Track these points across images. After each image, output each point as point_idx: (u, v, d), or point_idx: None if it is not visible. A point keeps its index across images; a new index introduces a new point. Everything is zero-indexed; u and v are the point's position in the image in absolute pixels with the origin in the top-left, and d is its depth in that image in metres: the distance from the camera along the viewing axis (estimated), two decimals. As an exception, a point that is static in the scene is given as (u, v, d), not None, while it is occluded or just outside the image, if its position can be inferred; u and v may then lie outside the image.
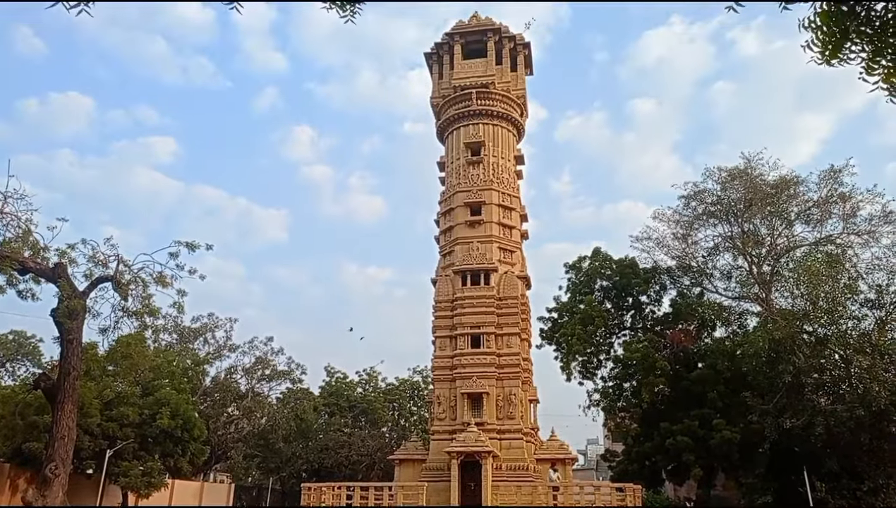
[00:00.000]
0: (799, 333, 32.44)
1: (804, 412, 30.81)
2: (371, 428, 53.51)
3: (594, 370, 42.65)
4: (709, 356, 37.34)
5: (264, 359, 50.04)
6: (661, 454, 36.17)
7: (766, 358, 32.66)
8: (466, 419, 28.28)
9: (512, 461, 27.69)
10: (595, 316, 39.97)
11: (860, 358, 29.83)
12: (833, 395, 32.50)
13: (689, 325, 39.83)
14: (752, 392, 33.76)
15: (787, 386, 31.83)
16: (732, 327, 40.19)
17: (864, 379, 29.81)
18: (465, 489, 26.45)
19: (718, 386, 35.76)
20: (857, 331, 31.56)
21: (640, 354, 37.04)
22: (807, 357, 31.64)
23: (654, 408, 38.06)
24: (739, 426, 33.60)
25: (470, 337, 30.31)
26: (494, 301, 30.65)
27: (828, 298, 31.14)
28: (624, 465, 39.41)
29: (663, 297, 42.24)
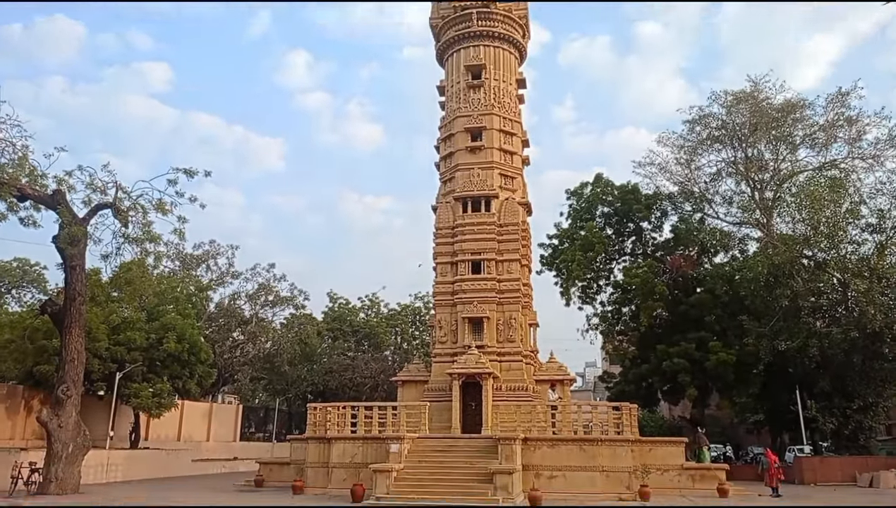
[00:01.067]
0: (798, 258, 32.66)
1: (799, 334, 31.40)
2: (374, 352, 54.66)
3: (594, 295, 43.22)
4: (708, 281, 37.70)
5: (267, 286, 50.61)
6: (658, 375, 37.10)
7: (764, 282, 33.01)
8: (467, 342, 28.79)
9: (512, 382, 28.37)
10: (595, 242, 40.14)
11: (858, 282, 30.13)
12: (829, 318, 33.03)
13: (690, 251, 40.05)
14: (749, 315, 34.31)
15: (783, 309, 32.32)
16: (732, 252, 40.44)
17: (861, 302, 30.22)
18: (465, 408, 27.22)
19: (716, 310, 36.29)
20: (857, 256, 31.76)
21: (640, 279, 37.41)
22: (805, 281, 31.97)
23: (652, 332, 38.76)
24: (735, 348, 34.32)
25: (470, 264, 30.46)
26: (495, 227, 30.62)
27: (829, 223, 31.17)
28: (621, 386, 40.48)
29: (664, 223, 42.34)
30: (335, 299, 58.52)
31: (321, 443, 25.31)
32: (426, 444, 24.23)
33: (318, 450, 25.29)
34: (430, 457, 23.36)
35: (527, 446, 23.39)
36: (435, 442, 24.48)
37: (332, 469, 24.47)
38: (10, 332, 31.07)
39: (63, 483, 21.80)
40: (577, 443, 23.52)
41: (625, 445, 23.44)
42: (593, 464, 23.04)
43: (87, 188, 23.68)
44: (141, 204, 23.68)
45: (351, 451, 24.52)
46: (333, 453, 24.62)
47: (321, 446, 25.27)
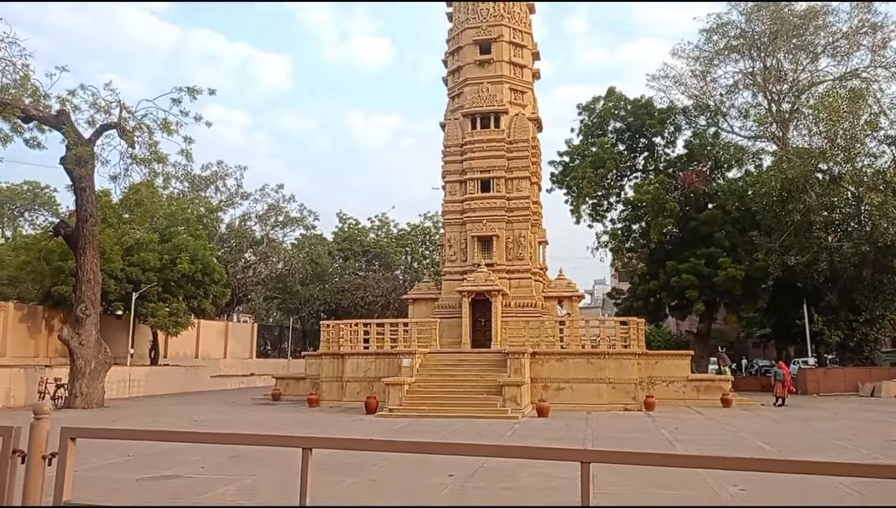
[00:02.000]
0: (813, 172, 32.15)
1: (810, 249, 31.33)
2: (384, 272, 55.27)
3: (604, 212, 43.02)
4: (719, 197, 37.34)
5: (277, 206, 50.73)
6: (666, 291, 37.37)
7: (777, 197, 32.66)
8: (477, 260, 28.97)
9: (521, 298, 28.72)
10: (607, 158, 39.57)
11: (872, 196, 29.74)
12: (840, 233, 32.86)
13: (703, 166, 39.43)
14: (759, 231, 34.16)
15: (795, 224, 32.11)
16: (746, 167, 39.81)
17: (874, 215, 29.93)
18: (475, 324, 27.74)
19: (726, 226, 36.09)
20: (872, 169, 31.22)
21: (651, 196, 37.08)
22: (818, 195, 31.61)
23: (662, 248, 38.77)
24: (744, 264, 34.36)
25: (480, 182, 30.22)
26: (504, 144, 30.15)
27: (846, 135, 30.46)
28: (629, 302, 40.92)
29: (677, 138, 41.51)
30: (345, 219, 58.70)
31: (335, 359, 26.01)
32: (437, 359, 24.83)
33: (333, 365, 26.02)
34: (440, 371, 24.00)
35: (535, 360, 23.94)
36: (445, 357, 25.08)
37: (345, 383, 25.25)
38: (26, 254, 31.56)
39: (88, 397, 22.69)
40: (585, 357, 24.04)
41: (631, 358, 23.93)
42: (600, 377, 23.62)
43: (91, 108, 23.44)
44: (146, 123, 23.47)
45: (364, 366, 25.21)
46: (347, 368, 25.34)
47: (335, 361, 25.98)
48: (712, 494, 8.88)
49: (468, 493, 8.95)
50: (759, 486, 9.16)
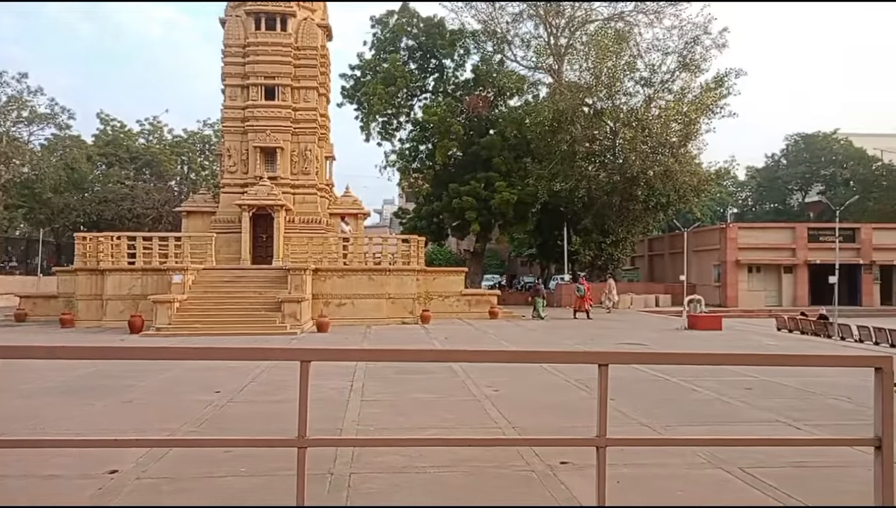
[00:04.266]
0: (580, 105, 35.07)
1: (573, 177, 34.52)
2: (157, 181, 50.47)
3: (394, 131, 43.21)
4: (500, 123, 39.26)
5: (19, 98, 43.24)
6: (448, 212, 39.03)
7: (549, 127, 35.17)
8: (259, 172, 27.52)
9: (305, 214, 28.04)
10: (398, 76, 39.42)
11: (626, 131, 33.38)
12: (598, 163, 36.60)
13: (487, 92, 41.01)
14: (532, 158, 36.81)
15: (562, 153, 35.05)
16: (525, 97, 42.20)
17: (626, 149, 33.71)
18: (256, 240, 26.62)
19: (504, 152, 38.28)
20: (628, 106, 34.89)
21: (438, 117, 37.89)
22: (583, 128, 34.68)
23: (446, 170, 40.16)
24: (518, 188, 36.93)
25: (264, 88, 28.35)
26: (292, 50, 28.40)
27: (609, 73, 33.49)
28: (413, 222, 42.13)
29: (466, 62, 42.53)
30: (107, 121, 51.97)
31: (93, 275, 23.41)
32: (213, 275, 23.51)
33: (90, 282, 23.42)
34: (216, 288, 22.79)
35: (317, 276, 23.74)
36: (222, 273, 23.84)
37: (106, 301, 22.94)
38: None
39: None
40: (367, 273, 24.37)
41: (411, 275, 24.78)
42: (381, 292, 24.18)
43: None
44: None
45: (129, 283, 23.05)
46: (108, 285, 22.98)
47: (93, 278, 23.39)
48: (469, 394, 9.55)
49: (233, 409, 8.64)
50: (510, 387, 10.05)
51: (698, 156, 36.61)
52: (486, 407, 8.58)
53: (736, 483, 5.36)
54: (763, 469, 5.55)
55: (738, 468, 5.64)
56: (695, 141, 35.49)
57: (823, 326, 22.18)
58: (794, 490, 5.08)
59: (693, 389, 9.90)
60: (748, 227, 42.61)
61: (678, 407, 8.66)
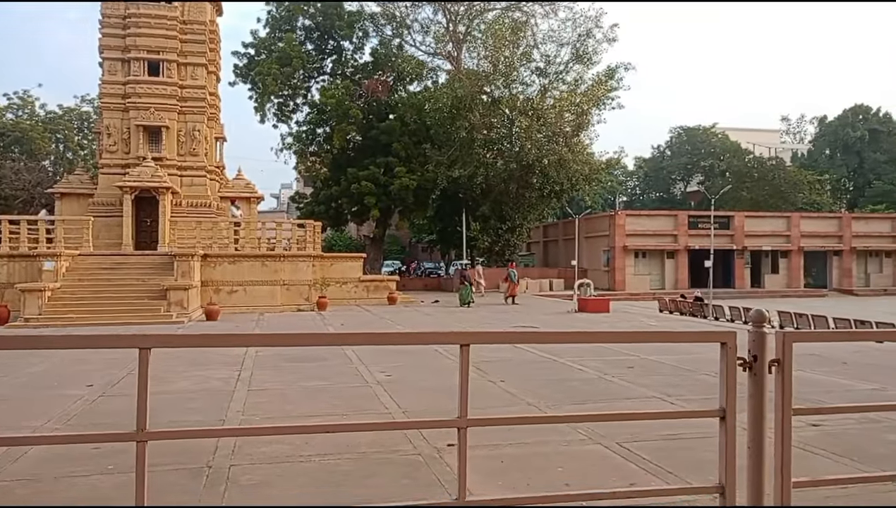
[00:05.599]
0: (478, 93, 35.48)
1: (471, 163, 34.97)
2: (28, 161, 46.44)
3: (290, 113, 42.04)
4: (400, 108, 39.07)
5: None
6: (347, 197, 38.46)
7: (448, 113, 35.41)
8: (142, 153, 25.91)
9: (194, 198, 26.73)
10: (294, 56, 38.30)
11: (522, 119, 34.12)
12: (496, 150, 37.27)
13: (387, 76, 40.66)
14: (431, 144, 36.93)
15: (461, 140, 35.40)
16: (425, 83, 42.20)
17: (522, 137, 34.50)
18: (139, 224, 25.09)
19: (404, 137, 38.15)
20: (524, 96, 35.68)
21: (336, 100, 37.18)
22: (481, 115, 35.15)
23: (344, 155, 39.53)
24: (417, 174, 36.97)
25: (147, 63, 26.65)
26: (178, 24, 26.83)
27: (506, 63, 34.08)
28: (311, 207, 41.23)
29: (365, 45, 41.94)
30: (-33, 93, 47.19)
31: (-51, 262, 21.27)
32: (90, 262, 21.97)
33: (-55, 270, 21.26)
34: (94, 275, 21.32)
35: (206, 262, 22.73)
36: (100, 260, 22.32)
37: (-35, 290, 20.92)
38: None
39: None
40: (260, 259, 23.60)
41: (306, 260, 24.24)
42: (275, 279, 23.50)
43: None
44: None
45: (-8, 271, 21.12)
46: (-33, 273, 20.94)
47: (-51, 265, 21.25)
48: (361, 380, 9.45)
49: (105, 403, 8.09)
50: (403, 372, 10.04)
51: (590, 146, 38.15)
52: (377, 393, 8.52)
53: (614, 458, 5.59)
54: (637, 443, 5.82)
55: (615, 443, 5.90)
56: (587, 131, 36.90)
57: (699, 307, 23.76)
58: (662, 460, 5.37)
59: (579, 369, 10.28)
60: (635, 215, 44.87)
61: (564, 386, 8.96)
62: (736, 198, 53.11)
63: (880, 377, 9.80)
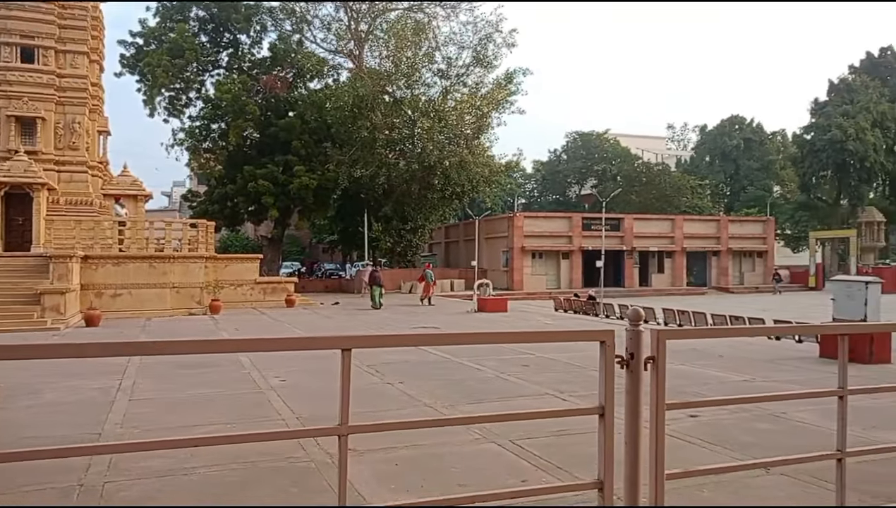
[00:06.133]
0: (381, 93, 35.31)
1: (373, 164, 34.75)
2: None
3: (182, 107, 40.16)
4: (299, 105, 38.24)
5: None
6: (243, 196, 37.18)
7: (349, 112, 35.00)
8: (14, 146, 23.86)
9: (73, 195, 24.90)
10: (187, 48, 36.62)
11: (424, 121, 34.28)
12: (398, 151, 37.23)
13: (286, 73, 39.67)
14: (332, 143, 36.39)
15: (363, 140, 35.09)
16: (326, 80, 41.50)
17: (423, 138, 34.65)
18: (10, 223, 23.04)
19: (304, 135, 37.35)
20: (426, 97, 35.88)
21: (232, 95, 35.89)
22: (383, 115, 35.00)
23: (241, 152, 38.21)
24: (318, 173, 36.29)
25: (20, 49, 24.58)
26: (55, 7, 24.95)
27: (409, 63, 34.13)
28: (205, 206, 39.53)
29: (263, 40, 40.75)
30: None
31: None
32: (-50, 264, 20.00)
33: None
34: (-45, 279, 19.43)
35: (87, 264, 21.26)
36: (-36, 262, 20.37)
37: None
38: None
39: None
40: (147, 261, 22.32)
41: (198, 262, 23.19)
42: (164, 281, 22.31)
43: None
44: None
45: None
46: None
47: None
48: (255, 387, 9.12)
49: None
50: (299, 377, 9.78)
51: (490, 149, 38.88)
52: (270, 399, 8.25)
53: (507, 456, 5.68)
54: (530, 440, 5.95)
55: (509, 440, 6.00)
56: (487, 134, 37.58)
57: (592, 306, 24.75)
58: (553, 456, 5.52)
59: (477, 368, 10.41)
60: (533, 216, 46.16)
61: (462, 386, 9.04)
62: (626, 201, 55.84)
63: (750, 369, 10.56)
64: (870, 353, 10.73)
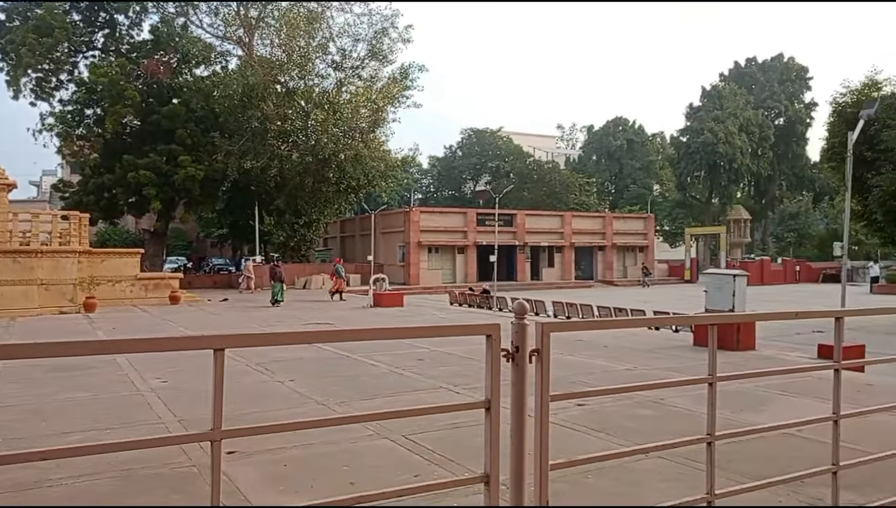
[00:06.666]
0: (272, 82, 34.22)
1: (265, 155, 33.66)
2: None
3: (52, 90, 37.13)
4: (185, 92, 36.40)
5: None
6: (123, 186, 34.91)
7: (239, 101, 33.70)
8: None
9: (-79, 183, 22.41)
10: (57, 26, 33.83)
11: (318, 112, 33.58)
12: (291, 143, 36.26)
13: (169, 57, 37.57)
14: (221, 133, 34.88)
15: (253, 130, 33.92)
16: (214, 67, 39.70)
17: (318, 130, 33.95)
18: None
19: (190, 124, 35.58)
20: (320, 88, 35.15)
21: (109, 79, 33.60)
22: (276, 105, 33.95)
23: (120, 140, 35.83)
24: (205, 164, 34.68)
25: None
26: None
27: (302, 53, 33.28)
28: (79, 196, 36.76)
29: (143, 21, 38.29)
30: None
31: None
32: None
33: None
34: None
35: (-62, 259, 19.19)
36: None
37: None
38: None
39: None
40: (11, 255, 20.43)
41: (71, 257, 21.52)
42: (30, 278, 20.51)
43: None
44: None
45: None
46: None
47: None
48: (133, 389, 8.58)
49: None
50: (181, 377, 9.29)
51: (386, 143, 38.65)
52: (150, 402, 7.78)
53: (399, 451, 5.65)
54: (423, 434, 5.96)
55: (401, 435, 5.97)
56: (382, 128, 37.34)
57: (486, 299, 25.24)
58: (446, 450, 5.55)
59: (371, 364, 10.32)
60: (429, 211, 46.44)
61: (355, 382, 8.93)
62: (518, 197, 57.41)
63: (633, 358, 11.15)
64: (737, 341, 11.62)
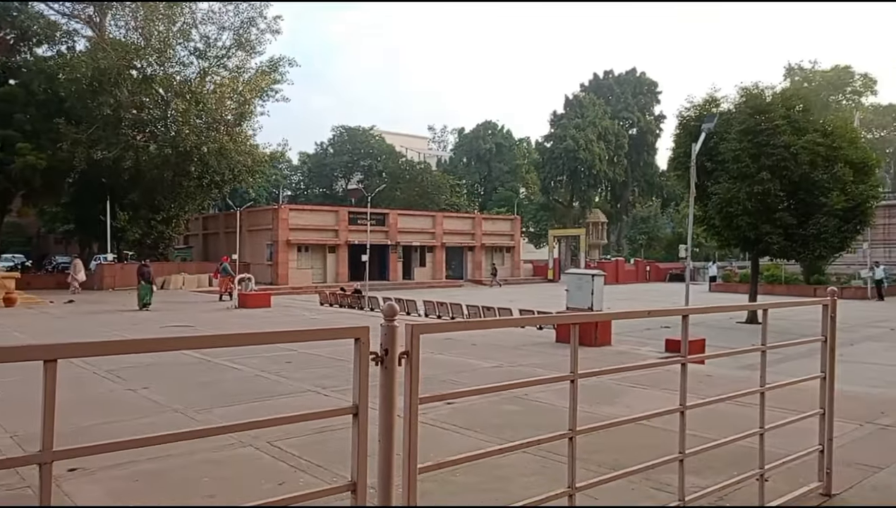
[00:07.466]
0: (127, 67, 31.86)
1: (118, 145, 31.25)
2: None
3: None
4: (24, 73, 33.06)
5: None
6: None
7: (88, 86, 31.07)
8: None
9: None
10: None
11: (178, 102, 31.66)
12: (148, 133, 33.93)
13: (5, 34, 33.86)
14: (67, 119, 31.91)
15: (105, 118, 31.41)
16: (59, 47, 36.27)
17: (178, 121, 32.02)
18: None
19: (30, 108, 32.33)
20: (181, 76, 33.16)
21: (-70, 53, 29.70)
22: (131, 92, 31.65)
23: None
24: (48, 153, 31.58)
25: None
26: None
27: (161, 38, 31.23)
28: None
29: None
30: None
31: None
32: None
33: None
34: None
35: None
36: None
37: None
38: None
39: None
40: None
41: None
42: None
43: None
44: None
45: None
46: None
47: None
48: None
49: None
50: (18, 388, 8.37)
51: (254, 137, 37.19)
52: (-24, 417, 6.92)
53: (264, 459, 5.43)
54: (289, 440, 5.76)
55: (266, 442, 5.73)
56: (250, 121, 35.91)
57: (357, 299, 25.01)
58: (314, 455, 5.40)
59: (235, 368, 9.87)
60: (299, 209, 45.31)
61: (217, 388, 8.50)
62: (391, 197, 57.47)
63: (500, 355, 11.50)
64: (595, 337, 12.32)
